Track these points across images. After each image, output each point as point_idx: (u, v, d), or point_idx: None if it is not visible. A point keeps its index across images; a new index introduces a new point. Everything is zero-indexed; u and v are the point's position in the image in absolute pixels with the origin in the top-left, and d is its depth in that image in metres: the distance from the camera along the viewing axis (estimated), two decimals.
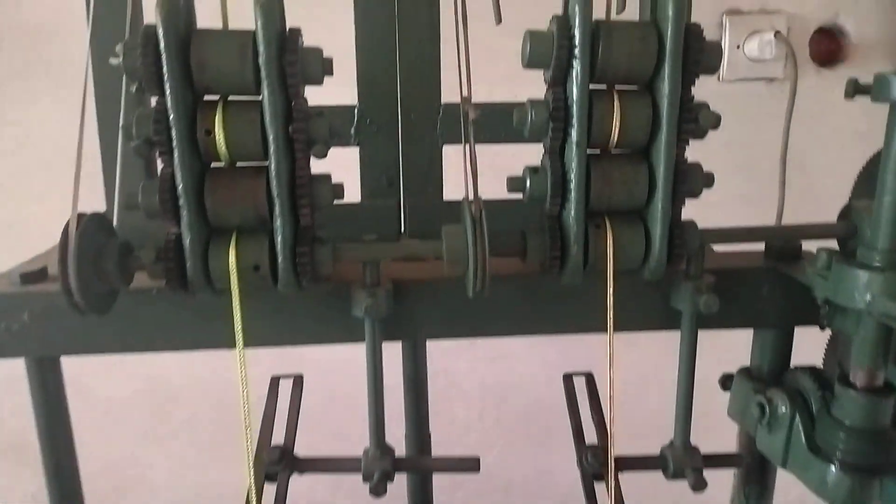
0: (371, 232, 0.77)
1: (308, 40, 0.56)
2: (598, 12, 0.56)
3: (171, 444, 1.40)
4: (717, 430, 0.79)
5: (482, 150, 0.78)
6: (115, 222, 0.66)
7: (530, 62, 0.56)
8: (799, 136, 1.19)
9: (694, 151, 0.60)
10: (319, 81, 0.56)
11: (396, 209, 0.77)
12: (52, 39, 1.23)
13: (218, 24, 0.57)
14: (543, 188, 0.58)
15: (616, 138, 0.56)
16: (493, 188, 0.62)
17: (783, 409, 0.65)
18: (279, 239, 0.56)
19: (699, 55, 0.55)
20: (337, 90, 0.77)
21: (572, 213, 0.57)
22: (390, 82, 0.76)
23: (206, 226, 0.56)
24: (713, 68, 0.57)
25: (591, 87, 0.56)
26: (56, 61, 1.26)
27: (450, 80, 0.69)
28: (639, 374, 1.42)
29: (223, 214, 0.56)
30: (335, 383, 1.19)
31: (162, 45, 0.51)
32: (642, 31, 0.55)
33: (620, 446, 0.63)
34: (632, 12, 0.61)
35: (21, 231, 1.20)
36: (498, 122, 0.77)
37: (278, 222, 0.56)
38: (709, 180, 0.59)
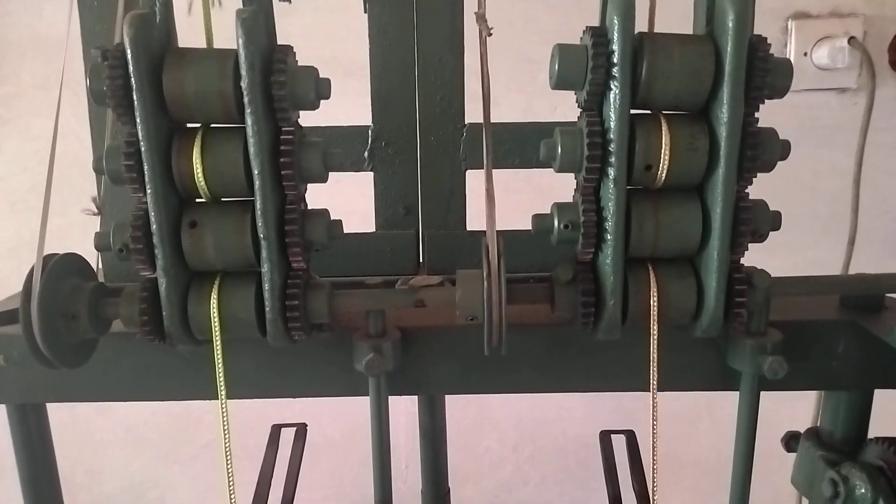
0: (387, 266, 0.70)
1: (322, 50, 0.49)
2: (640, 23, 0.47)
3: (192, 466, 1.35)
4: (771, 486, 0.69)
5: (516, 170, 0.70)
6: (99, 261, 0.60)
7: (559, 82, 0.47)
8: (875, 154, 1.07)
9: None
10: (314, 106, 0.48)
11: (414, 241, 0.69)
12: (74, 51, 1.19)
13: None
14: (576, 230, 0.49)
15: (664, 174, 0.47)
16: (534, 208, 0.54)
17: (862, 489, 0.55)
18: (267, 285, 0.49)
19: (765, 76, 0.45)
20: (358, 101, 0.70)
21: (608, 259, 0.48)
22: (408, 100, 0.68)
23: (185, 269, 0.49)
24: (782, 91, 0.47)
25: (634, 111, 0.47)
26: (79, 72, 1.23)
27: (475, 94, 0.61)
28: (688, 407, 1.31)
29: (204, 257, 0.49)
30: (344, 424, 1.12)
31: (131, 67, 0.44)
32: (696, 45, 0.46)
33: None
34: (683, 20, 0.51)
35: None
36: (532, 142, 0.69)
37: (266, 266, 0.48)
38: (776, 221, 0.49)
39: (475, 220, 0.69)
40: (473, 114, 0.67)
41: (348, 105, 1.18)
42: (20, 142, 1.18)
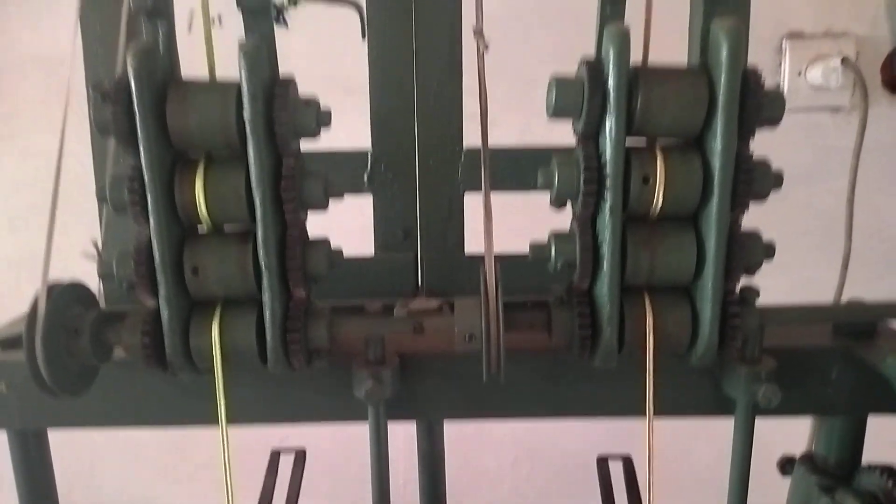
0: (385, 288, 0.70)
1: (320, 67, 0.49)
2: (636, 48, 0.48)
3: (191, 485, 1.35)
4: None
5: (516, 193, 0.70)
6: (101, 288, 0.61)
7: (556, 113, 0.48)
8: (869, 173, 1.08)
9: None
10: (314, 135, 0.49)
11: (413, 264, 0.69)
12: (77, 70, 1.20)
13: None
14: (572, 259, 0.49)
15: (659, 204, 0.48)
16: (532, 227, 0.54)
17: None
18: (267, 314, 0.49)
19: (758, 107, 0.46)
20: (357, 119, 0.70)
21: (605, 289, 0.48)
22: (407, 123, 0.69)
23: (187, 298, 0.50)
24: (774, 121, 0.48)
25: (631, 139, 0.48)
26: (79, 90, 1.23)
27: (473, 114, 0.61)
28: (684, 427, 1.31)
29: (206, 286, 0.49)
30: (343, 446, 1.11)
31: (135, 101, 0.45)
32: (690, 78, 0.47)
33: None
34: (677, 49, 0.52)
35: (41, 262, 1.18)
36: (531, 166, 0.69)
37: (267, 296, 0.49)
38: (769, 251, 0.50)
39: (474, 240, 0.70)
40: (473, 133, 0.67)
41: (347, 122, 1.18)
42: (19, 159, 1.19)
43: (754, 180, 0.47)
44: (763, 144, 0.49)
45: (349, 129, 0.71)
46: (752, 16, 0.81)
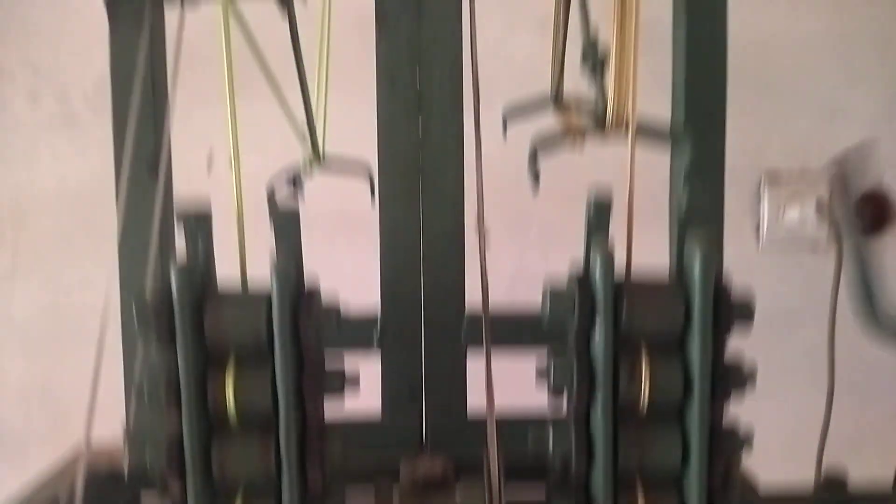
0: (391, 444, 0.74)
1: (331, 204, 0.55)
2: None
3: None
4: None
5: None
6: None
7: (551, 322, 0.54)
8: (848, 307, 1.14)
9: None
10: (335, 332, 0.55)
11: (418, 425, 0.74)
12: (99, 201, 1.27)
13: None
14: (568, 451, 0.54)
15: (646, 401, 0.53)
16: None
17: None
18: (286, 499, 0.53)
19: (730, 317, 0.52)
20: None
21: (600, 480, 0.53)
22: (414, 290, 0.75)
23: (211, 487, 0.54)
24: (746, 320, 0.54)
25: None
26: (99, 224, 1.30)
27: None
28: None
29: (230, 476, 0.54)
30: None
31: (176, 312, 0.51)
32: (668, 293, 0.53)
33: None
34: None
35: (57, 394, 1.21)
36: (529, 325, 0.75)
37: (286, 481, 0.53)
38: (748, 442, 0.55)
39: (477, 394, 0.74)
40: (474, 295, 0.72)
41: (355, 256, 1.26)
42: (39, 288, 1.24)
43: (731, 379, 0.53)
44: (749, 282, 0.54)
45: (355, 263, 0.75)
46: (731, 158, 0.89)
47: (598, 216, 0.55)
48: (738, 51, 0.87)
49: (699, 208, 0.54)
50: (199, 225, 0.53)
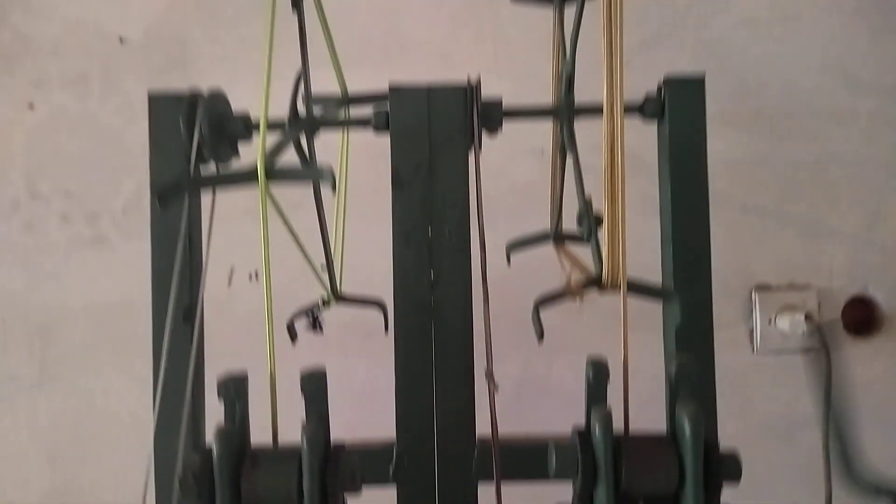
0: None
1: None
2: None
3: None
4: None
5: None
6: None
7: (557, 474, 0.59)
8: (840, 408, 1.18)
9: (733, 424, 0.59)
10: (358, 489, 0.60)
11: None
12: (130, 315, 1.33)
13: None
14: None
15: None
16: None
17: None
18: None
19: (719, 473, 0.57)
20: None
21: None
22: (427, 422, 0.80)
23: None
24: (734, 478, 0.59)
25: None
26: (124, 336, 1.36)
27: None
28: None
29: None
30: None
31: (216, 475, 0.56)
32: (662, 450, 0.58)
33: None
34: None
35: (78, 498, 1.25)
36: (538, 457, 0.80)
37: None
38: None
39: None
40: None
41: (368, 363, 1.31)
42: (63, 398, 1.29)
43: None
44: (747, 377, 0.59)
45: (369, 372, 0.78)
46: (723, 271, 0.95)
47: (597, 384, 0.61)
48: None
49: (690, 371, 0.60)
50: (237, 389, 0.59)
